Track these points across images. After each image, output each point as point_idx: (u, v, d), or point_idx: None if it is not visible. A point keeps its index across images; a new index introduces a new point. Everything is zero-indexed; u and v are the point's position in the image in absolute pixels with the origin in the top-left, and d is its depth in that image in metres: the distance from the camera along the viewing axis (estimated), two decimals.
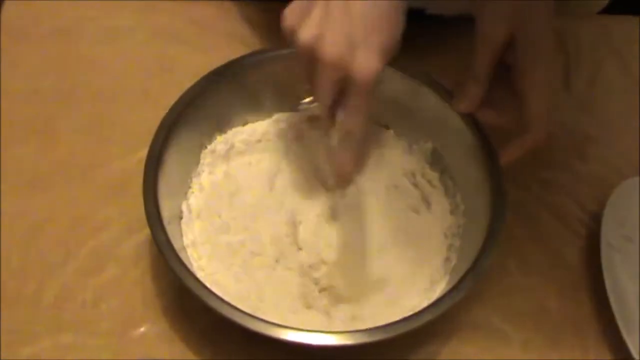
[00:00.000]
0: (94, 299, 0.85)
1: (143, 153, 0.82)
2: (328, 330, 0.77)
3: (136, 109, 0.99)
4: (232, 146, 0.92)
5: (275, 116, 0.95)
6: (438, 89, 0.90)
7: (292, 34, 0.76)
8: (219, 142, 0.92)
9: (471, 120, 0.87)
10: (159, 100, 0.88)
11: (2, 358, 0.80)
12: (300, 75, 0.79)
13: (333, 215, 0.88)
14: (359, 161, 0.89)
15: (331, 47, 0.74)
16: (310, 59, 0.75)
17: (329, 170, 0.88)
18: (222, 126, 0.92)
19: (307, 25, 0.75)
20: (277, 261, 0.85)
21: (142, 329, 0.83)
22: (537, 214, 0.96)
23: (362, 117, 0.79)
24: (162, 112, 0.86)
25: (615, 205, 0.91)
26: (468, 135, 0.87)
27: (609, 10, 1.15)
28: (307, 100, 0.82)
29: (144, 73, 1.03)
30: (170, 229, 0.79)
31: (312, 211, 0.88)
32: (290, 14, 0.77)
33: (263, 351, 0.80)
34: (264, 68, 0.92)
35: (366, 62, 0.74)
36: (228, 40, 1.06)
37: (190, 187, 0.89)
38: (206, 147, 0.91)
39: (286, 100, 0.94)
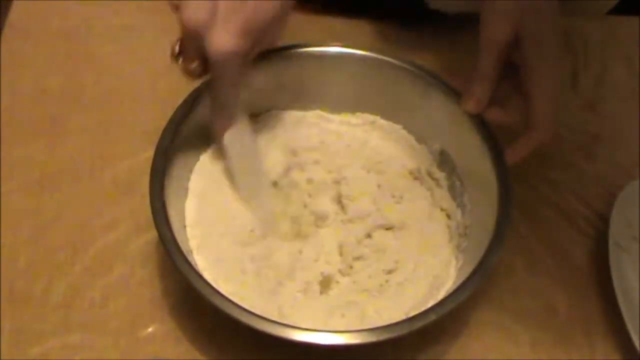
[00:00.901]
0: (101, 299, 0.85)
1: (150, 152, 0.82)
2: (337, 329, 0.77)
3: (144, 108, 0.99)
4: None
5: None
6: (446, 89, 0.90)
7: None
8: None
9: (479, 119, 0.87)
10: (166, 99, 0.88)
11: (10, 358, 0.80)
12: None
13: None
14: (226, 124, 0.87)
15: (190, 13, 0.76)
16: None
17: None
18: None
19: None
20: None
21: (149, 329, 0.84)
22: (544, 214, 0.96)
23: (226, 88, 0.81)
24: (169, 111, 0.86)
25: (623, 206, 0.91)
26: (476, 135, 0.87)
27: (617, 10, 1.15)
28: (176, 50, 0.83)
29: (152, 72, 1.03)
30: (177, 229, 0.79)
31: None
32: None
33: (270, 351, 0.80)
34: (272, 68, 0.92)
35: (220, 39, 0.76)
36: None
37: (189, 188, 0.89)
38: (210, 146, 0.91)
39: (294, 99, 0.94)
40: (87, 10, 1.10)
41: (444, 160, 0.93)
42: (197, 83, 0.87)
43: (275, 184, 0.91)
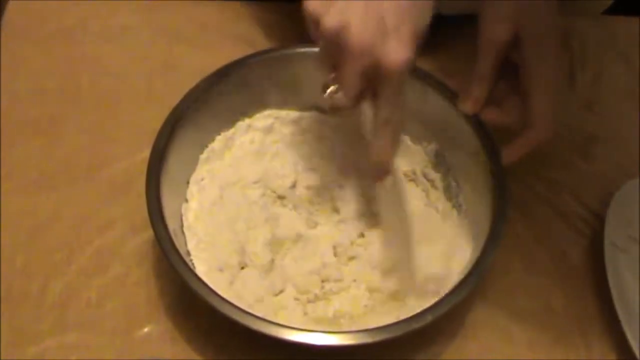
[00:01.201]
0: (98, 299, 0.85)
1: (147, 152, 0.82)
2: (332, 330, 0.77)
3: (140, 108, 0.99)
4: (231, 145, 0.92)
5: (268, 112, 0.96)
6: (443, 89, 0.90)
7: (316, 22, 0.73)
8: (218, 141, 0.92)
9: (475, 120, 0.87)
10: (163, 99, 0.88)
11: (6, 357, 0.80)
12: (323, 64, 0.76)
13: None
14: (395, 151, 0.83)
15: (359, 35, 0.71)
16: (336, 47, 0.72)
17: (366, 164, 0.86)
18: (226, 126, 0.92)
19: (332, 11, 0.72)
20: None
21: (146, 329, 0.84)
22: (541, 214, 0.96)
23: (398, 105, 0.76)
24: (166, 112, 0.86)
25: (620, 205, 0.91)
26: (472, 136, 0.87)
27: (612, 10, 1.15)
28: (332, 89, 0.77)
29: (148, 72, 1.03)
30: (173, 229, 0.80)
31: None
32: (312, 3, 0.74)
33: (266, 351, 0.80)
34: (268, 68, 0.92)
35: (398, 51, 0.72)
36: (232, 40, 1.06)
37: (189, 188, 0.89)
38: (207, 147, 0.91)
39: (290, 100, 0.94)
40: (83, 11, 1.10)
41: (439, 161, 0.93)
42: (194, 82, 0.88)
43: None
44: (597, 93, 1.09)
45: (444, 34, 1.05)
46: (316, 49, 0.89)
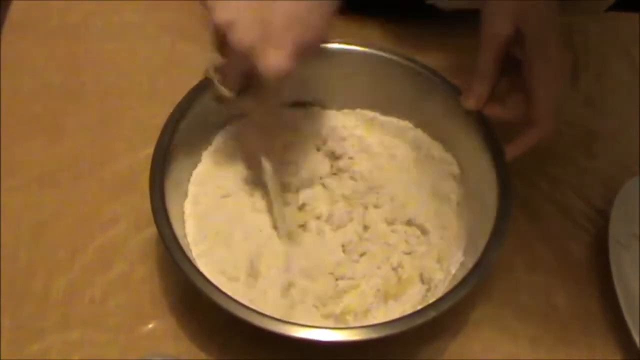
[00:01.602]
0: (101, 296, 0.85)
1: (151, 149, 0.82)
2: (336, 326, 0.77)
3: (144, 105, 0.99)
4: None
5: None
6: (446, 85, 0.90)
7: (210, 10, 0.74)
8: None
9: (479, 116, 0.87)
10: (166, 96, 0.88)
11: (10, 355, 0.80)
12: (213, 50, 0.78)
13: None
14: (267, 146, 0.86)
15: (242, 35, 0.72)
16: (222, 40, 0.74)
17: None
18: (229, 122, 0.92)
19: (225, 6, 0.73)
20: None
21: (149, 326, 0.84)
22: (544, 211, 0.96)
23: (269, 108, 0.80)
24: (169, 109, 0.86)
25: (623, 203, 0.91)
26: (475, 132, 0.87)
27: (615, 7, 1.15)
28: (214, 76, 0.79)
29: (152, 69, 1.03)
30: (177, 226, 0.80)
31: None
32: None
33: (269, 348, 0.80)
34: None
35: (275, 59, 0.73)
36: None
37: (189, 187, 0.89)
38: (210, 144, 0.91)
39: (293, 97, 0.94)
40: (87, 8, 1.10)
41: None
42: (198, 79, 0.88)
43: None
44: (599, 90, 1.09)
45: (445, 29, 1.05)
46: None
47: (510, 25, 0.82)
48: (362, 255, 0.86)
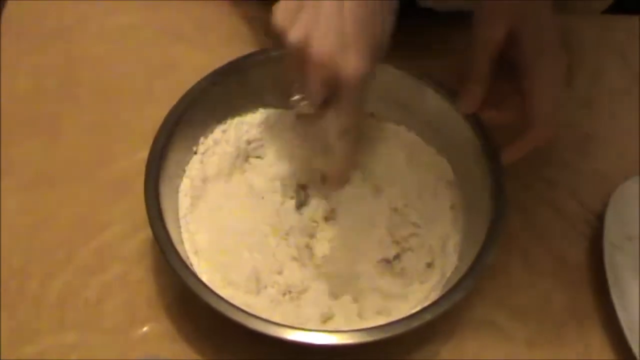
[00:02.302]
0: (97, 298, 0.85)
1: (146, 152, 0.83)
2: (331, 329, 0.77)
3: (140, 107, 0.99)
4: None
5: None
6: (441, 89, 0.90)
7: (283, 33, 0.75)
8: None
9: (474, 119, 0.87)
10: (162, 99, 0.88)
11: (5, 357, 0.80)
12: (290, 72, 0.78)
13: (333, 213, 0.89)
14: (354, 160, 0.88)
15: (320, 48, 0.73)
16: (300, 59, 0.75)
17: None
18: (224, 125, 0.92)
19: (297, 24, 0.74)
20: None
21: (145, 328, 0.84)
22: (539, 213, 0.96)
23: (355, 114, 0.79)
24: (165, 111, 0.86)
25: (618, 204, 0.91)
26: (470, 134, 0.87)
27: (612, 9, 1.15)
28: (297, 97, 0.80)
29: (147, 72, 1.03)
30: (172, 228, 0.80)
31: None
32: (280, 13, 0.76)
33: (265, 350, 0.80)
34: (267, 68, 0.92)
35: (356, 62, 0.73)
36: (231, 39, 1.06)
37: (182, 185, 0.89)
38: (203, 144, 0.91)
39: (286, 100, 0.94)
40: (82, 10, 1.10)
41: None
42: (193, 81, 0.88)
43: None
44: (594, 92, 1.08)
45: (438, 31, 1.05)
46: None
47: (504, 28, 0.82)
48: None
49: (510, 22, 0.81)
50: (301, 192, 0.91)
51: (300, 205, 0.90)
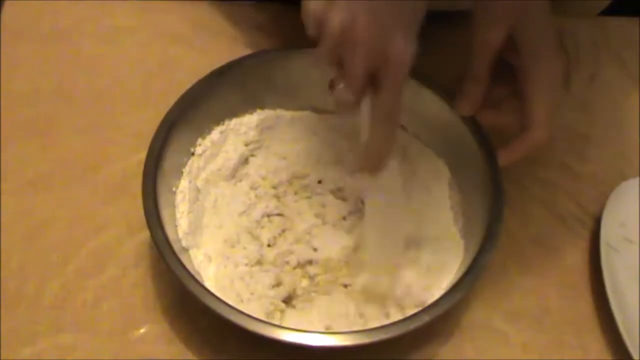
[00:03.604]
0: (94, 300, 0.85)
1: (143, 154, 0.82)
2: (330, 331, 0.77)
3: (137, 109, 0.99)
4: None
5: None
6: (438, 90, 0.90)
7: (319, 20, 0.73)
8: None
9: (472, 121, 0.87)
10: (159, 100, 0.88)
11: (2, 358, 0.80)
12: (329, 63, 0.75)
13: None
14: (393, 146, 0.82)
15: (366, 30, 0.71)
16: (341, 44, 0.72)
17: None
18: (221, 127, 0.92)
19: (336, 9, 0.72)
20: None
21: (142, 330, 0.84)
22: (536, 214, 0.96)
23: (400, 99, 0.76)
24: (162, 113, 0.86)
25: (615, 206, 0.92)
26: (467, 136, 0.87)
27: (610, 11, 1.15)
28: (342, 86, 0.75)
29: (145, 73, 1.03)
30: (169, 230, 0.80)
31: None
32: (313, 3, 0.74)
33: (262, 352, 0.80)
34: (265, 69, 0.92)
35: (403, 44, 0.72)
36: (228, 41, 1.06)
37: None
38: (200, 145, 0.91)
39: (286, 101, 0.94)
40: (79, 11, 1.09)
41: None
42: (191, 83, 0.88)
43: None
44: (591, 94, 1.08)
45: (435, 33, 1.05)
46: (312, 50, 0.89)
47: (501, 33, 0.81)
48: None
49: (509, 24, 0.81)
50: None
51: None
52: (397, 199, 0.86)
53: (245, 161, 0.93)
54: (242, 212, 0.88)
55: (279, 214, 0.89)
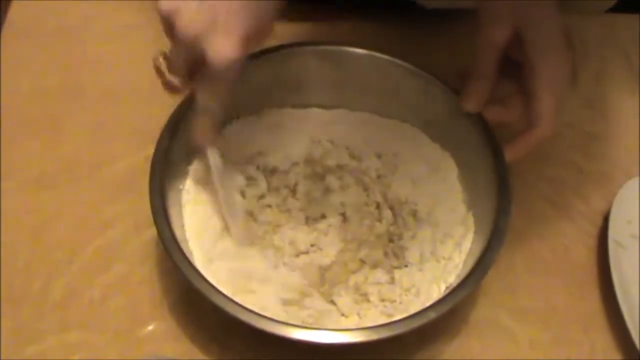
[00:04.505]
0: (100, 297, 0.85)
1: (150, 151, 0.82)
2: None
3: (143, 107, 0.99)
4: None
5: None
6: (445, 87, 0.90)
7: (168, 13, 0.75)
8: None
9: (478, 117, 0.87)
10: (165, 98, 0.87)
11: (8, 357, 0.80)
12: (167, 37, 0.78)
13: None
14: (211, 137, 0.85)
15: (187, 24, 0.73)
16: (169, 29, 0.75)
17: None
18: (228, 124, 0.92)
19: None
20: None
21: (149, 327, 0.84)
22: (543, 212, 0.95)
23: (216, 95, 0.79)
24: (168, 110, 0.86)
25: (622, 203, 0.91)
26: (474, 133, 0.87)
27: (616, 9, 1.15)
28: (161, 60, 0.80)
29: (151, 72, 1.02)
30: (176, 227, 0.80)
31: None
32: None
33: (270, 349, 0.80)
34: (268, 66, 0.92)
35: (222, 47, 0.73)
36: None
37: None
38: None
39: (290, 99, 0.94)
40: (85, 10, 1.10)
41: None
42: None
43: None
44: (598, 91, 1.08)
45: (432, 29, 1.05)
46: (318, 47, 0.90)
47: (507, 31, 0.82)
48: (362, 257, 0.87)
49: (515, 21, 0.81)
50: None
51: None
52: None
53: (251, 159, 0.92)
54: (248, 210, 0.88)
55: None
